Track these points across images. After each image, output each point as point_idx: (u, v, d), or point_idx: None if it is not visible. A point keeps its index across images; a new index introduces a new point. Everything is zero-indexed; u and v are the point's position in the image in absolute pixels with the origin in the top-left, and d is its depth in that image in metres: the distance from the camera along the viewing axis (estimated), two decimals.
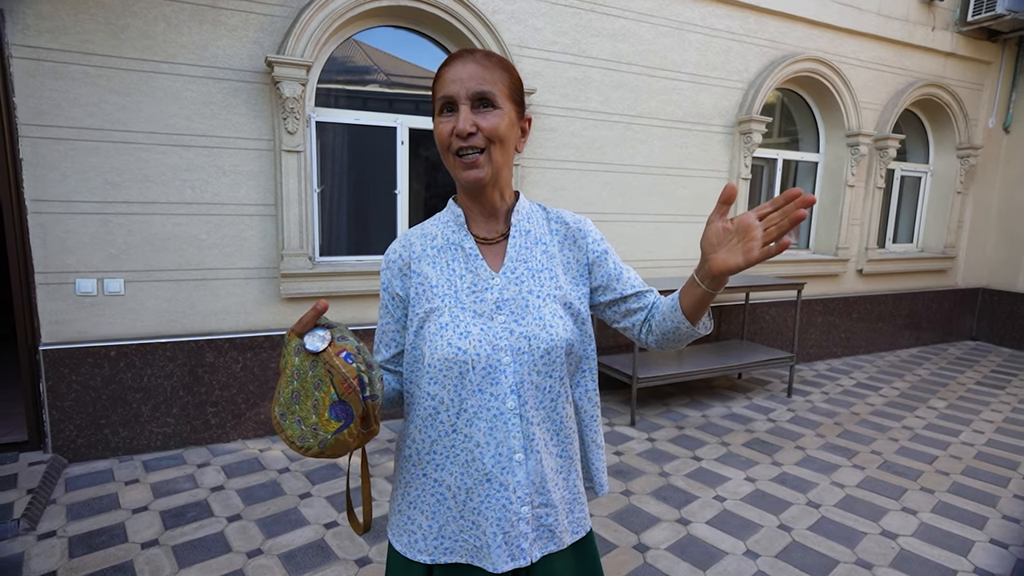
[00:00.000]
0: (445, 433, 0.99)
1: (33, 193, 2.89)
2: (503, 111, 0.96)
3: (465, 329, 0.97)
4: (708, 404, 4.34)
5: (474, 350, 0.96)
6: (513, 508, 0.98)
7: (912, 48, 5.57)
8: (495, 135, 0.95)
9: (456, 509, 1.00)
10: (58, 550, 2.36)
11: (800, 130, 5.52)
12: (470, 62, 0.95)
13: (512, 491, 0.97)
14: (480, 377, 0.96)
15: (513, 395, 0.97)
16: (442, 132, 0.96)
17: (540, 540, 1.01)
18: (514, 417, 0.97)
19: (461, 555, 1.01)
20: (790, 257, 5.31)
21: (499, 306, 0.99)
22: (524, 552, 0.99)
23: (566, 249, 1.08)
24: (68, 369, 3.04)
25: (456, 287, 1.00)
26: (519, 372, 0.97)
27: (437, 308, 0.99)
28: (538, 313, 0.99)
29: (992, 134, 6.32)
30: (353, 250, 3.76)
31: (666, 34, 4.35)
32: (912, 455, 3.51)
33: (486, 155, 0.96)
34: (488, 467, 0.97)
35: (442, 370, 0.97)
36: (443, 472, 1.01)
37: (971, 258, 6.57)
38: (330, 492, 2.88)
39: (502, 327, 0.98)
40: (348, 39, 3.55)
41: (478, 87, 0.93)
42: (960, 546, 2.54)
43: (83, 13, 2.88)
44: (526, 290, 1.01)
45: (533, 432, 0.99)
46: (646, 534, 2.59)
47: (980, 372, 5.43)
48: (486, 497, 0.98)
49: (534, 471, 0.99)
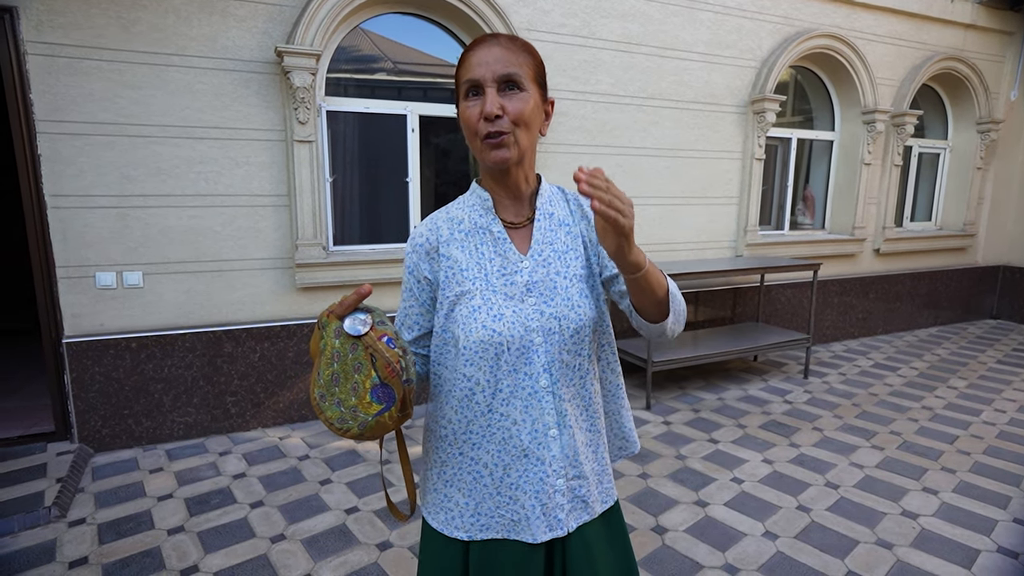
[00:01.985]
0: (481, 413, 1.02)
1: (52, 188, 2.93)
2: (529, 94, 0.96)
3: (498, 312, 0.99)
4: (724, 387, 4.33)
5: (508, 332, 0.98)
6: (550, 481, 1.01)
7: (930, 21, 5.43)
8: (521, 118, 0.95)
9: (493, 486, 1.03)
10: (88, 536, 2.42)
11: (815, 108, 5.42)
12: (495, 46, 0.95)
13: (548, 465, 1.01)
14: (515, 357, 0.99)
15: (546, 374, 1.00)
16: (470, 116, 0.96)
17: (575, 511, 1.05)
18: (547, 395, 1.01)
19: (498, 531, 1.04)
20: (806, 237, 5.24)
21: (529, 288, 1.02)
22: (561, 522, 1.03)
23: (582, 227, 1.10)
24: (91, 361, 3.10)
25: (486, 270, 1.02)
26: (550, 352, 1.00)
27: (468, 291, 1.01)
28: (566, 294, 1.02)
29: (1014, 107, 6.16)
30: (366, 239, 3.78)
31: (676, 13, 4.28)
32: (932, 435, 3.48)
33: (512, 137, 0.96)
34: (525, 443, 1.01)
35: (478, 352, 0.99)
36: (479, 451, 1.03)
37: (991, 235, 6.45)
38: (350, 478, 2.92)
39: (533, 308, 1.01)
40: (356, 27, 3.54)
41: (504, 69, 0.94)
42: (983, 525, 2.53)
43: (94, 8, 2.89)
44: (553, 272, 1.03)
45: (565, 408, 1.02)
46: (664, 516, 2.60)
47: (1001, 351, 5.35)
48: (524, 472, 1.01)
49: (568, 445, 1.03)
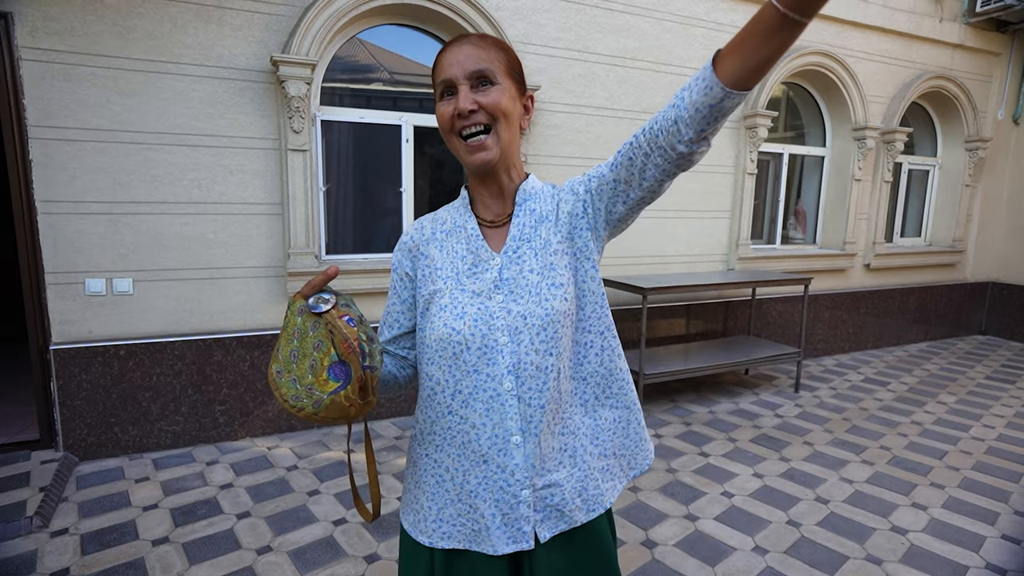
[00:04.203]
0: (442, 414, 0.99)
1: (43, 194, 2.91)
2: (502, 87, 0.96)
3: (461, 310, 0.97)
4: (715, 400, 4.33)
5: (468, 330, 0.95)
6: (512, 491, 0.97)
7: (919, 40, 5.52)
8: (497, 110, 0.94)
9: (454, 491, 1.00)
10: (70, 547, 2.38)
11: (806, 124, 5.49)
12: (465, 44, 0.95)
13: (510, 473, 0.96)
14: (475, 357, 0.95)
15: (511, 376, 0.95)
16: (444, 114, 0.96)
17: (548, 520, 0.99)
18: (511, 399, 0.95)
19: (459, 540, 1.00)
20: (797, 252, 5.28)
21: (497, 285, 0.98)
22: (526, 534, 0.97)
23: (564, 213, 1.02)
24: (78, 368, 3.07)
25: (457, 268, 1.01)
26: (516, 352, 0.95)
27: (440, 290, 1.00)
28: (536, 289, 0.97)
29: (1001, 126, 6.26)
30: (359, 248, 3.77)
31: (671, 29, 4.34)
32: (922, 450, 3.49)
33: (493, 134, 0.96)
34: (485, 448, 0.97)
35: (437, 350, 0.97)
36: (441, 453, 1.01)
37: (980, 252, 6.52)
38: (338, 489, 2.90)
39: (499, 306, 0.97)
40: (352, 38, 3.56)
41: (475, 66, 0.94)
42: (971, 541, 2.53)
43: (91, 15, 2.89)
44: (527, 269, 0.99)
45: (532, 415, 0.96)
46: (654, 530, 2.59)
47: (990, 367, 5.39)
48: (483, 479, 0.98)
49: (533, 454, 0.97)
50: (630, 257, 4.47)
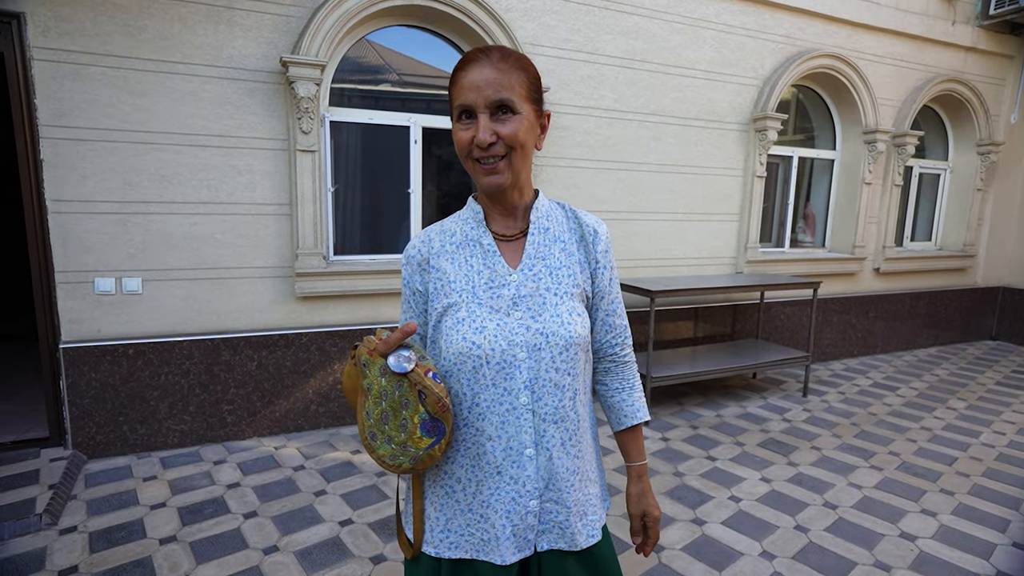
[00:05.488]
0: (457, 426, 1.00)
1: (53, 193, 2.93)
2: (522, 115, 0.95)
3: (481, 324, 0.98)
4: (723, 404, 4.31)
5: (488, 345, 0.96)
6: (522, 502, 0.99)
7: (931, 43, 5.48)
8: (515, 141, 0.95)
9: (465, 502, 1.01)
10: (79, 545, 2.39)
11: (816, 127, 5.45)
12: (486, 66, 0.93)
13: (522, 485, 0.99)
14: (494, 372, 0.97)
15: (527, 391, 0.98)
16: (462, 140, 0.96)
17: (547, 533, 1.02)
18: (527, 413, 0.98)
19: (467, 550, 1.01)
20: (806, 255, 5.25)
21: (516, 302, 1.00)
22: (530, 543, 1.01)
23: (580, 249, 1.08)
24: (87, 367, 3.09)
25: (474, 283, 1.01)
26: (534, 368, 0.98)
27: (455, 303, 1.00)
28: (555, 310, 1.00)
29: (1014, 130, 6.19)
30: (367, 249, 3.78)
31: (680, 31, 4.32)
32: (931, 456, 3.46)
33: (506, 161, 0.96)
34: (499, 460, 0.99)
35: (456, 364, 0.98)
36: (453, 465, 1.02)
37: (991, 256, 6.45)
38: (345, 490, 2.90)
39: (518, 323, 0.99)
40: (361, 39, 3.57)
41: (496, 95, 0.93)
42: (981, 549, 2.50)
43: (102, 15, 2.91)
44: (544, 287, 1.02)
45: (545, 429, 1.00)
46: (661, 534, 2.57)
47: (1000, 372, 5.33)
48: (496, 489, 0.99)
49: (544, 467, 1.00)
50: (638, 259, 4.46)
